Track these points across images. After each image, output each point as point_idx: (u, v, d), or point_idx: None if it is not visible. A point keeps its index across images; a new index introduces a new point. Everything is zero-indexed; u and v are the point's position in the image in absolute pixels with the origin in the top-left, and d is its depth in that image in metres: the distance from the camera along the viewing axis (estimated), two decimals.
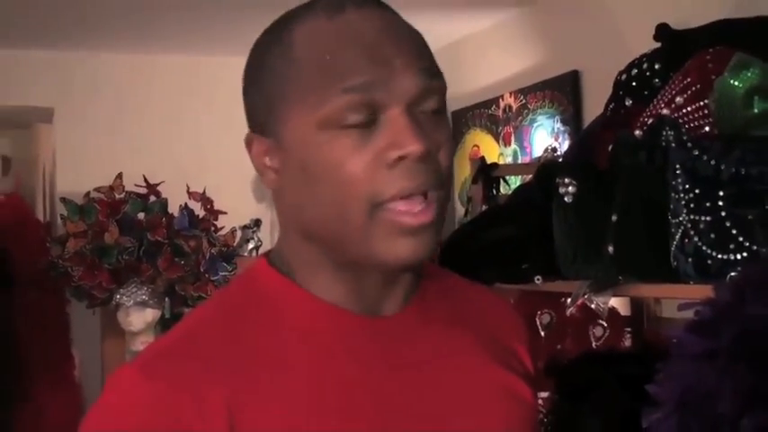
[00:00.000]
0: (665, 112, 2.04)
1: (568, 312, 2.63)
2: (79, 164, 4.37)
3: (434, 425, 1.09)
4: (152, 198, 3.98)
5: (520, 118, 3.74)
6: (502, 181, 3.04)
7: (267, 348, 1.06)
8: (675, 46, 2.25)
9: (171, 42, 4.31)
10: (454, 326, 1.15)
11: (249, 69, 1.09)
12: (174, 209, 4.00)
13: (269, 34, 1.07)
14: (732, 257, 1.72)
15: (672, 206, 1.83)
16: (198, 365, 1.02)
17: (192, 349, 1.05)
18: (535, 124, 3.65)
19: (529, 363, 1.23)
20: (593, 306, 2.58)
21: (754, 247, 1.70)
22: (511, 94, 3.78)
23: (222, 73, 4.47)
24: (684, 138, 1.85)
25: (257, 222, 4.15)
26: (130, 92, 4.52)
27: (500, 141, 3.88)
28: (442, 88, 1.04)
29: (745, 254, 1.71)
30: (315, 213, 1.04)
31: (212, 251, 3.92)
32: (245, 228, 4.15)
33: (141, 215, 3.93)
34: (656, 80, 2.23)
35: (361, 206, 1.00)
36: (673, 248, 1.82)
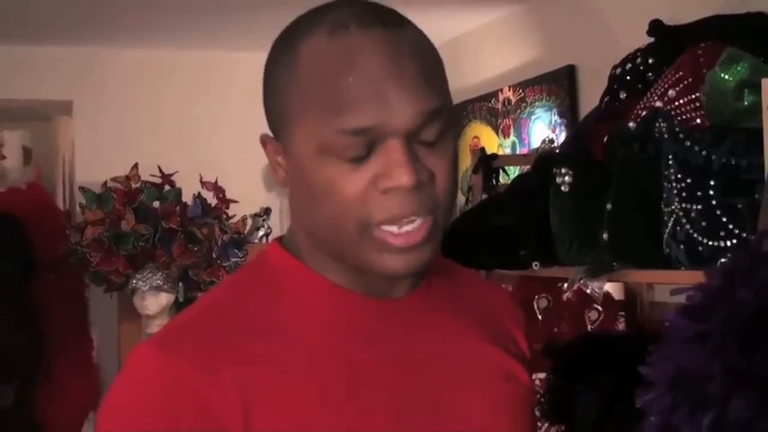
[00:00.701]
0: (658, 104, 2.04)
1: (565, 297, 2.62)
2: (97, 155, 4.37)
3: (437, 401, 1.09)
4: (167, 187, 3.99)
5: (518, 111, 3.73)
6: (501, 171, 3.04)
7: (279, 326, 1.06)
8: (668, 41, 2.25)
9: (184, 39, 4.30)
10: (456, 311, 1.15)
11: (265, 74, 1.07)
12: (187, 198, 4.01)
13: (280, 42, 1.05)
14: (722, 244, 1.72)
15: (664, 195, 1.83)
16: (213, 342, 1.03)
17: (208, 327, 1.05)
18: (533, 117, 3.64)
19: (525, 347, 1.24)
20: (588, 291, 2.58)
21: (744, 235, 1.70)
22: (510, 87, 3.78)
23: (234, 68, 4.48)
24: (677, 129, 1.84)
25: (267, 211, 4.16)
26: (146, 86, 4.52)
27: (499, 133, 3.87)
28: (444, 114, 1.01)
29: (734, 241, 1.71)
30: (316, 222, 1.05)
31: (224, 238, 3.93)
32: (255, 216, 4.15)
33: (156, 204, 3.94)
34: (650, 74, 2.22)
35: (354, 226, 1.00)
36: (665, 236, 1.82)
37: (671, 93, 2.03)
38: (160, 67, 4.53)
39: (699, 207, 1.75)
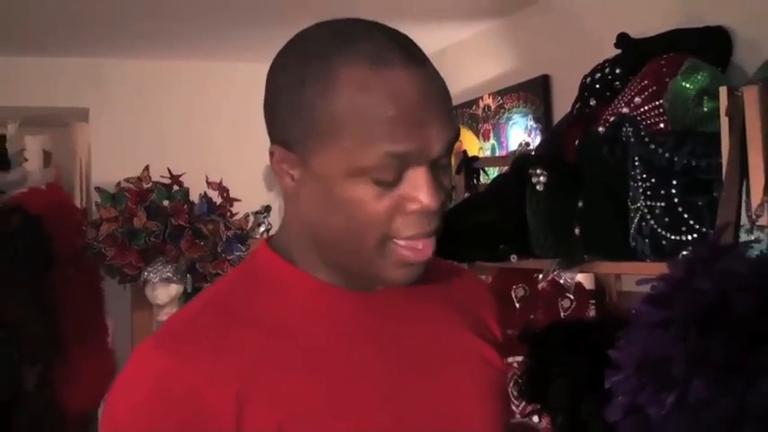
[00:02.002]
0: (624, 110, 2.04)
1: (540, 286, 2.62)
2: (111, 157, 4.36)
3: (416, 382, 1.08)
4: (175, 187, 3.97)
5: (497, 116, 3.73)
6: (482, 171, 3.04)
7: (269, 320, 1.05)
8: (634, 53, 2.25)
9: (192, 50, 4.29)
10: (433, 299, 1.15)
11: (281, 92, 1.02)
12: (194, 197, 3.99)
13: (306, 64, 1.00)
14: (684, 238, 1.72)
15: (631, 193, 1.83)
16: (209, 339, 1.02)
17: (204, 325, 1.04)
18: (511, 122, 3.64)
19: (497, 332, 1.23)
20: (561, 281, 2.58)
21: (703, 229, 1.70)
22: (489, 95, 3.77)
23: (236, 78, 4.47)
24: (642, 133, 1.84)
25: (267, 208, 4.15)
26: (156, 94, 4.51)
27: (480, 137, 3.87)
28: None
29: (695, 235, 1.71)
30: (328, 232, 1.03)
31: (228, 234, 3.91)
32: (257, 213, 4.14)
33: (166, 202, 3.92)
34: (617, 83, 2.23)
35: (375, 240, 1.00)
36: (632, 230, 1.82)
37: (637, 100, 2.04)
38: (169, 77, 4.52)
39: (662, 204, 1.75)
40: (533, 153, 2.55)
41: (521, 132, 3.57)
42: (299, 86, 0.99)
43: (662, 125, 1.97)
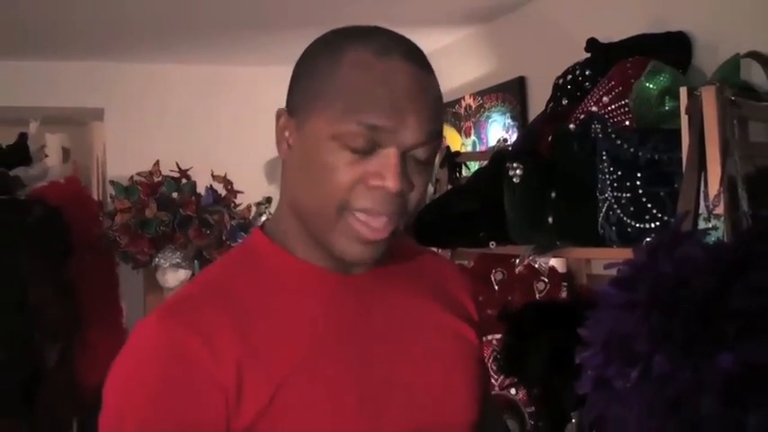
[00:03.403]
0: (593, 109, 2.03)
1: (517, 270, 2.63)
2: (125, 153, 4.35)
3: (397, 356, 1.08)
4: (183, 180, 3.96)
5: (478, 115, 3.72)
6: (463, 165, 3.03)
7: (261, 299, 1.05)
8: (602, 56, 2.25)
9: (198, 56, 4.28)
10: (410, 282, 1.15)
11: (303, 61, 1.06)
12: (201, 189, 3.98)
13: (326, 44, 1.04)
14: (647, 226, 1.72)
15: (599, 185, 1.82)
16: (207, 314, 1.01)
17: (202, 301, 1.04)
18: (490, 120, 3.63)
19: (473, 311, 1.23)
20: (536, 265, 2.58)
21: (665, 218, 1.70)
22: (471, 95, 3.77)
23: (239, 80, 4.47)
24: (609, 130, 1.84)
25: (268, 200, 4.13)
26: (166, 95, 4.49)
27: (462, 134, 3.86)
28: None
29: (657, 223, 1.71)
30: (305, 197, 1.03)
31: (232, 223, 3.91)
32: (258, 204, 4.13)
33: (175, 194, 3.91)
34: (587, 83, 2.22)
35: (334, 207, 1.00)
36: (600, 219, 1.82)
37: (604, 99, 2.03)
38: (177, 80, 4.50)
39: (628, 195, 1.75)
40: (510, 148, 2.54)
41: (499, 129, 3.56)
42: (312, 64, 1.03)
43: (627, 122, 1.97)
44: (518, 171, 2.05)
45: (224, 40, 3.95)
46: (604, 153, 1.80)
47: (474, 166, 3.10)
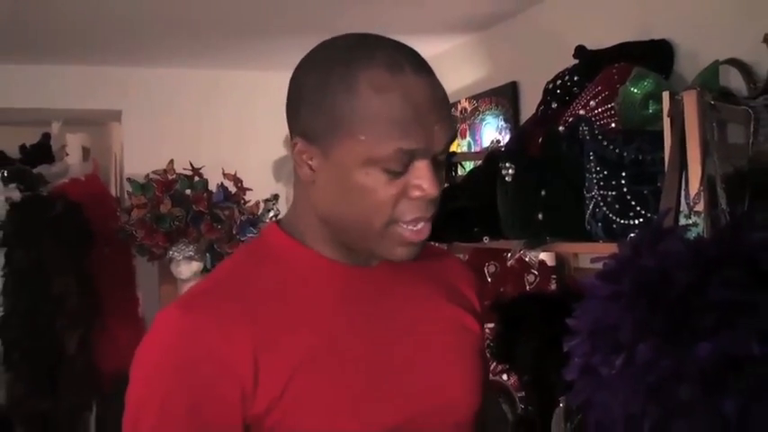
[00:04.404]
0: (581, 112, 2.03)
1: (509, 263, 2.62)
2: (141, 153, 4.34)
3: (407, 345, 1.08)
4: (196, 178, 3.95)
5: (473, 117, 3.72)
6: (459, 165, 3.03)
7: (276, 291, 1.04)
8: (590, 62, 2.24)
9: (209, 60, 4.28)
10: (419, 275, 1.15)
11: (305, 92, 1.01)
12: (212, 186, 3.97)
13: (329, 69, 0.99)
14: (632, 222, 1.72)
15: (586, 184, 1.82)
16: (226, 306, 1.01)
17: (221, 294, 1.03)
18: (484, 122, 3.63)
19: (477, 303, 1.23)
20: (527, 259, 2.57)
21: (649, 215, 1.70)
22: (466, 99, 3.76)
23: (249, 84, 4.46)
24: (596, 132, 1.83)
25: (276, 196, 4.12)
26: (180, 98, 4.49)
27: (458, 135, 3.86)
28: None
29: (641, 219, 1.71)
30: (341, 215, 1.03)
31: (242, 218, 3.90)
32: (266, 201, 4.12)
33: (188, 191, 3.90)
34: (575, 88, 2.22)
35: (383, 222, 1.01)
36: (587, 216, 1.81)
37: (592, 103, 2.03)
38: (191, 84, 4.49)
39: (613, 193, 1.75)
40: (503, 149, 2.54)
41: (493, 131, 3.56)
42: (322, 88, 0.99)
43: (613, 125, 1.97)
44: (510, 170, 2.05)
45: (232, 47, 3.95)
46: (591, 153, 1.80)
47: (469, 165, 3.10)
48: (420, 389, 1.07)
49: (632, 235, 1.62)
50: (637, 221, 1.71)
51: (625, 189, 1.73)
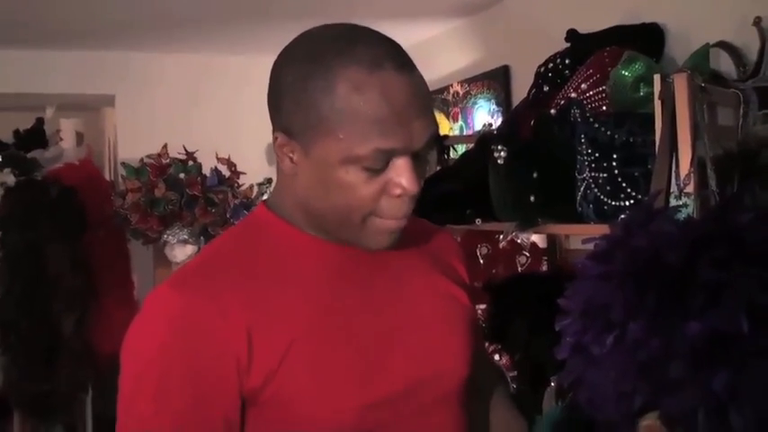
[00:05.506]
0: (573, 95, 2.03)
1: (501, 245, 2.63)
2: (135, 137, 4.33)
3: (397, 317, 1.09)
4: (190, 162, 3.93)
5: (465, 101, 3.71)
6: (451, 148, 3.03)
7: (268, 268, 1.05)
8: (581, 46, 2.24)
9: (202, 45, 4.26)
10: (409, 249, 1.16)
11: (286, 86, 1.00)
12: (206, 170, 3.96)
13: (309, 64, 0.98)
14: (622, 204, 1.72)
15: (578, 166, 1.83)
16: (218, 283, 1.01)
17: (212, 270, 1.03)
18: (476, 106, 3.63)
19: (465, 275, 1.24)
20: (519, 241, 2.58)
21: (639, 196, 1.70)
22: (458, 83, 3.76)
23: (240, 68, 4.44)
24: (587, 115, 1.84)
25: (269, 180, 4.12)
26: (173, 82, 4.47)
27: (450, 119, 3.85)
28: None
29: (632, 201, 1.71)
30: (321, 208, 1.03)
31: (235, 202, 3.89)
32: (260, 184, 4.11)
33: (182, 175, 3.89)
34: (567, 72, 2.22)
35: (360, 217, 1.01)
36: (578, 197, 1.82)
37: (583, 86, 2.03)
38: (184, 68, 4.48)
39: (604, 175, 1.75)
40: (495, 132, 2.53)
41: (485, 115, 3.56)
42: (302, 84, 0.98)
43: (604, 107, 1.97)
44: (502, 153, 2.05)
45: (225, 32, 3.94)
46: (583, 136, 1.80)
47: (461, 148, 3.10)
48: (413, 359, 1.08)
49: (623, 216, 1.62)
50: (627, 203, 1.71)
51: (616, 171, 1.74)
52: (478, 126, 3.54)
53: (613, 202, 1.73)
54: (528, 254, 2.62)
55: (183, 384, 0.97)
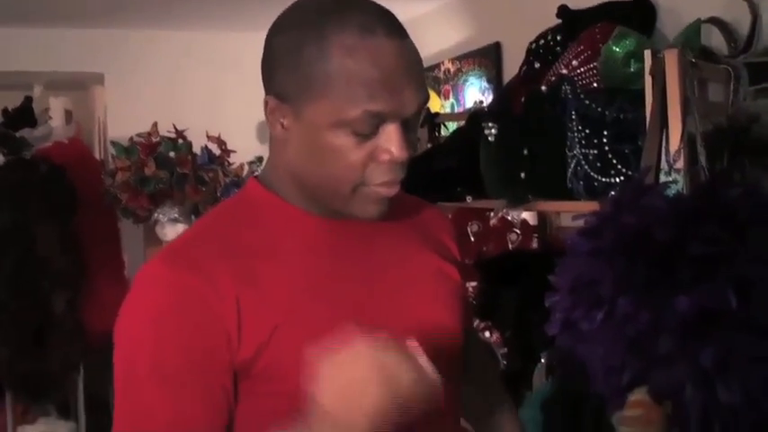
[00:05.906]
0: (564, 72, 2.02)
1: (491, 223, 2.64)
2: (124, 115, 4.30)
3: (387, 292, 1.09)
4: (180, 141, 3.91)
5: (456, 78, 3.70)
6: (442, 126, 3.03)
7: (258, 242, 1.05)
8: (572, 22, 2.23)
9: (192, 21, 4.23)
10: (398, 225, 1.15)
11: (280, 53, 1.01)
12: (197, 149, 3.94)
13: (303, 30, 0.99)
14: (613, 180, 1.73)
15: (568, 142, 1.83)
16: (207, 255, 1.01)
17: (201, 244, 1.04)
18: (467, 83, 3.62)
19: (456, 252, 1.24)
20: (509, 218, 2.58)
21: (629, 173, 1.71)
22: (449, 60, 3.74)
23: (231, 46, 4.41)
24: (578, 91, 1.83)
25: (260, 159, 4.10)
26: (162, 60, 4.44)
27: (441, 96, 3.84)
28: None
29: (622, 178, 1.72)
30: (311, 175, 1.03)
31: (226, 180, 3.88)
32: (250, 163, 4.10)
33: (172, 154, 3.87)
34: (558, 48, 2.21)
35: (351, 185, 1.01)
36: (569, 174, 1.82)
37: (574, 62, 2.02)
38: (174, 46, 4.45)
39: (595, 152, 1.75)
40: (486, 109, 2.53)
41: (476, 92, 3.55)
42: (296, 49, 0.99)
43: (595, 84, 1.96)
44: (493, 130, 2.05)
45: (215, 9, 3.91)
46: (573, 112, 1.80)
47: (452, 126, 3.09)
48: (404, 333, 1.08)
49: (613, 193, 1.63)
50: (618, 180, 1.72)
51: (606, 148, 1.74)
52: (470, 103, 3.53)
53: (604, 179, 1.73)
54: (519, 231, 2.63)
55: (178, 356, 0.97)
